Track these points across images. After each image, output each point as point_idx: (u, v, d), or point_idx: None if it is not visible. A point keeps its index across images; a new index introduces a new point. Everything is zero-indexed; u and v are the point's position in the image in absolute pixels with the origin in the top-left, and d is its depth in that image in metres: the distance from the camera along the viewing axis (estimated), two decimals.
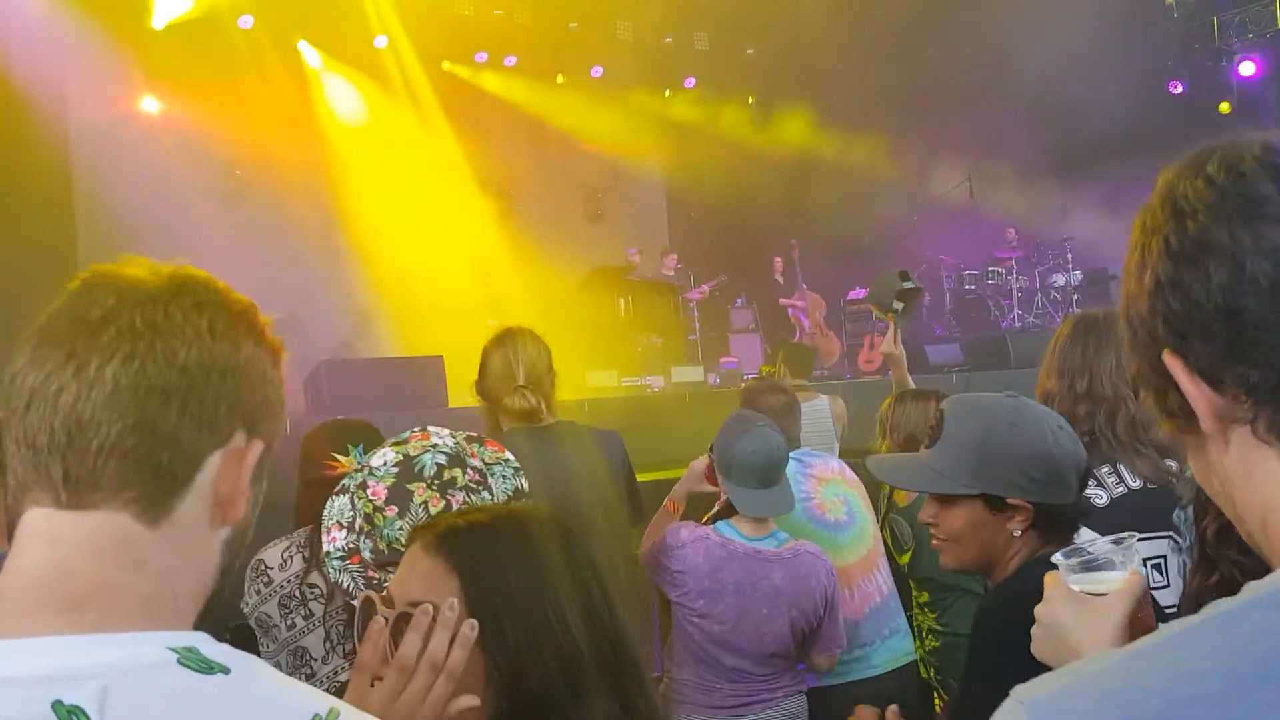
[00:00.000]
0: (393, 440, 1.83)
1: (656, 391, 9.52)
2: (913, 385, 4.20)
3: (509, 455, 1.88)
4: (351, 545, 1.77)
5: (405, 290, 10.30)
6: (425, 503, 1.71)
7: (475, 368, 3.35)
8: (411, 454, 1.76)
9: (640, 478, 3.61)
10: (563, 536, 1.35)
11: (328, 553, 1.78)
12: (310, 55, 11.51)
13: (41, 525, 0.86)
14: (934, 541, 1.97)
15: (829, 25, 11.52)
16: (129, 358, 0.86)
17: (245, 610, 2.78)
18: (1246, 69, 13.27)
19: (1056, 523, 1.85)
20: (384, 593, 1.32)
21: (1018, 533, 1.84)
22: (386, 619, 1.25)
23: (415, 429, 1.85)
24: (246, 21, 11.05)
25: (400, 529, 1.70)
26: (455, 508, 1.69)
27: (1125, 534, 1.38)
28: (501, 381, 3.21)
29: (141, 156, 9.55)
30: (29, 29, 8.18)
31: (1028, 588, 1.45)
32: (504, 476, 1.82)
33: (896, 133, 12.31)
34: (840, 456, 5.89)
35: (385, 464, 1.77)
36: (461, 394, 4.06)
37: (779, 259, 12.67)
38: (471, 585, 1.25)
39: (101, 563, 0.85)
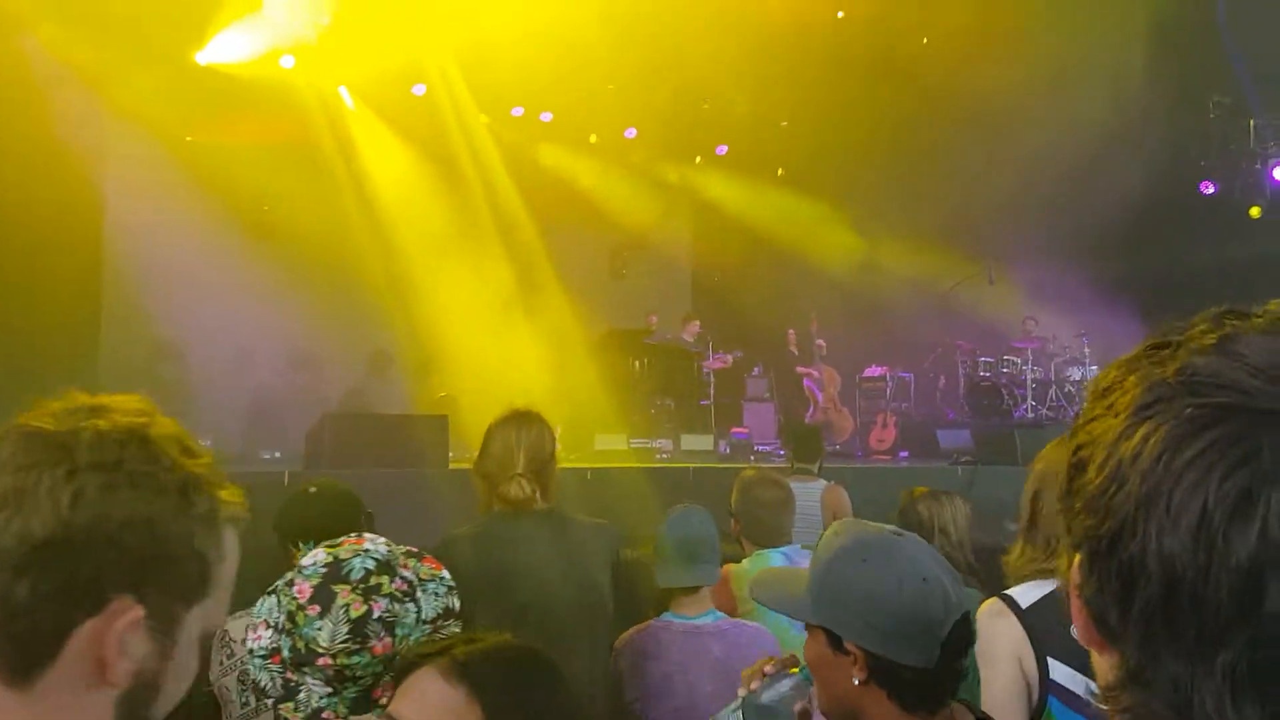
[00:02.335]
0: (328, 543, 1.83)
1: (663, 459, 9.50)
2: None
3: (445, 574, 1.86)
4: (274, 644, 1.77)
5: (422, 338, 10.35)
6: (348, 605, 1.70)
7: (486, 420, 3.35)
8: (342, 557, 1.76)
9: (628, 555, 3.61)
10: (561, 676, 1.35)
11: (251, 650, 1.78)
12: (348, 99, 11.66)
13: None
14: None
15: (857, 109, 11.62)
16: None
17: (211, 679, 2.77)
18: None
19: (912, 688, 1.68)
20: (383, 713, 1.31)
21: (857, 681, 1.70)
22: None
23: (352, 535, 1.86)
24: (288, 62, 11.26)
25: (319, 629, 1.69)
26: (377, 614, 1.69)
27: None
28: (500, 466, 3.19)
29: (170, 189, 9.69)
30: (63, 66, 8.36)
31: None
32: (435, 594, 1.80)
33: (920, 218, 12.35)
34: None
35: (315, 564, 1.77)
36: (468, 447, 4.04)
37: (793, 331, 12.68)
38: None
39: None
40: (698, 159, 14.30)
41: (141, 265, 9.78)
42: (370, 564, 1.74)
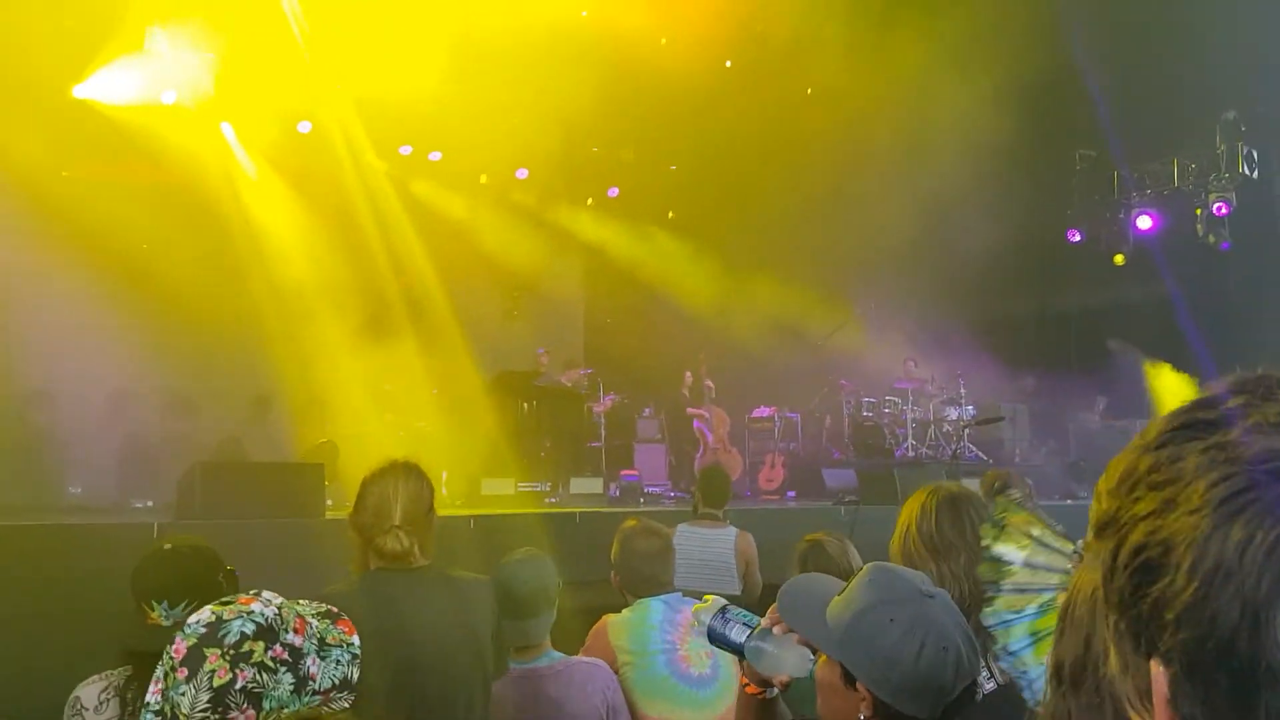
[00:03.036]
0: (223, 599, 1.77)
1: (551, 504, 9.46)
2: None
3: (355, 640, 1.80)
4: (157, 704, 1.70)
5: (304, 382, 10.12)
6: (213, 671, 1.64)
7: (368, 466, 3.25)
8: (225, 618, 1.70)
9: None
10: None
11: (146, 703, 1.72)
12: (231, 137, 11.42)
13: None
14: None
15: (743, 157, 11.89)
16: None
17: None
18: (1144, 223, 13.90)
19: None
20: None
21: (862, 717, 1.82)
22: None
23: (251, 591, 1.79)
24: (169, 97, 11.00)
25: (183, 693, 1.63)
26: (240, 684, 1.63)
27: None
28: (376, 518, 3.09)
29: (42, 226, 9.33)
30: None
31: None
32: (338, 661, 1.74)
33: (802, 263, 12.67)
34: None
35: (198, 622, 1.71)
36: (349, 495, 3.96)
37: (689, 373, 12.81)
38: None
39: None
40: (589, 201, 14.39)
41: (9, 307, 9.39)
42: (249, 628, 1.67)
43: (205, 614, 1.72)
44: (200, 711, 1.61)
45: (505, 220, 13.26)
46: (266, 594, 1.78)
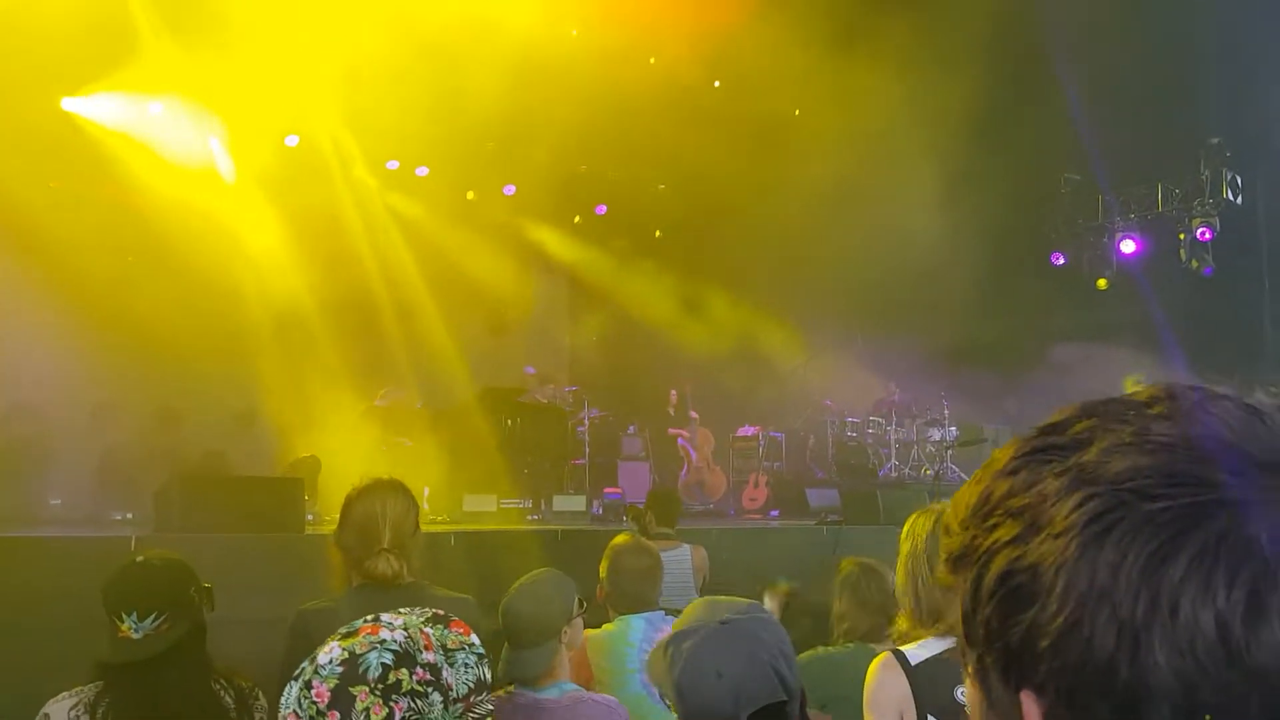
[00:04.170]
0: (341, 632, 1.74)
1: (534, 521, 9.43)
2: None
3: (474, 639, 1.77)
4: None
5: (288, 396, 10.08)
6: (367, 709, 1.61)
7: (351, 482, 3.24)
8: (358, 651, 1.67)
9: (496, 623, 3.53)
10: None
11: None
12: (218, 150, 11.40)
13: None
14: None
15: (729, 176, 11.93)
16: None
17: None
18: (1127, 247, 13.96)
19: None
20: None
21: None
22: None
23: (368, 618, 1.75)
24: (156, 109, 10.99)
25: None
26: (399, 716, 1.60)
27: None
28: (363, 539, 3.08)
29: (27, 240, 9.30)
30: None
31: None
32: (466, 665, 1.71)
33: (788, 284, 12.72)
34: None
35: (331, 661, 1.67)
36: (333, 510, 3.89)
37: (674, 391, 12.81)
38: None
39: None
40: (576, 218, 14.41)
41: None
42: (388, 657, 1.65)
43: (335, 651, 1.68)
44: None
45: (491, 236, 13.26)
46: (385, 617, 1.75)
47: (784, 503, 11.87)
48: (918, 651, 2.58)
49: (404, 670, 1.65)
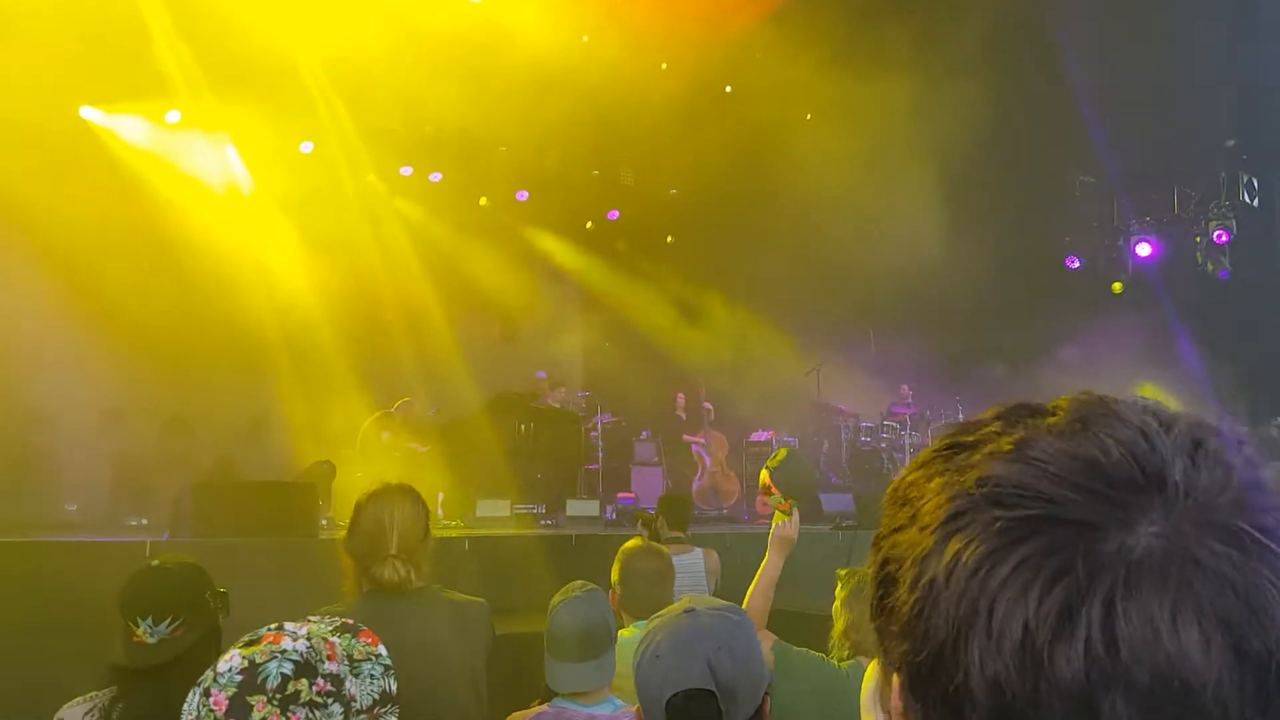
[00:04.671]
0: (244, 640, 1.72)
1: (547, 527, 9.42)
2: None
3: (382, 650, 1.77)
4: None
5: (302, 402, 10.11)
6: (265, 719, 1.60)
7: (363, 488, 3.23)
8: (257, 661, 1.66)
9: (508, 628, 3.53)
10: None
11: None
12: (234, 158, 11.46)
13: None
14: None
15: (741, 182, 11.91)
16: None
17: None
18: (1143, 250, 13.90)
19: None
20: None
21: None
22: None
23: (271, 627, 1.74)
24: (174, 117, 11.05)
25: None
26: None
27: None
28: (372, 546, 3.06)
29: (41, 247, 9.35)
30: None
31: None
32: (371, 676, 1.71)
33: (800, 288, 12.70)
34: None
35: (230, 670, 1.66)
36: (345, 513, 3.90)
37: (682, 395, 12.78)
38: None
39: None
40: (589, 224, 14.42)
41: (7, 328, 9.39)
42: (288, 667, 1.63)
43: (235, 659, 1.67)
44: None
45: (504, 241, 13.29)
46: (289, 626, 1.74)
47: (797, 508, 11.82)
48: None
49: (304, 680, 1.64)
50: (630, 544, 4.09)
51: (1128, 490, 0.63)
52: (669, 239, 14.52)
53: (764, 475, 4.06)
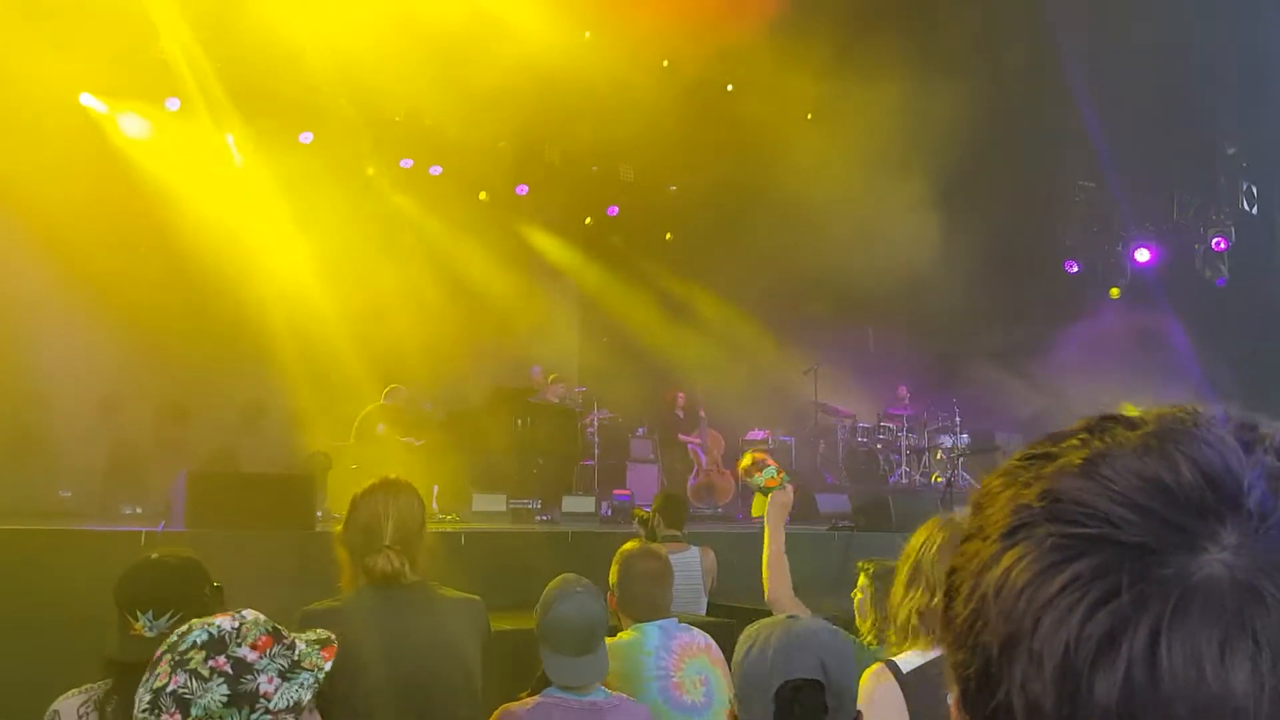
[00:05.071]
0: (222, 613, 1.82)
1: (542, 522, 9.41)
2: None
3: (325, 669, 1.80)
4: None
5: (300, 392, 10.08)
6: (159, 674, 1.70)
7: (360, 481, 3.25)
8: (193, 627, 1.76)
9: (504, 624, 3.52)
10: None
11: None
12: (232, 146, 11.41)
13: None
14: None
15: (740, 179, 11.90)
16: None
17: None
18: (1142, 255, 13.91)
19: None
20: None
21: None
22: None
23: (240, 610, 1.82)
24: (174, 104, 11.00)
25: (140, 693, 1.70)
26: (172, 688, 1.67)
27: None
28: (367, 537, 3.06)
29: (39, 231, 9.31)
30: None
31: None
32: (301, 684, 1.75)
33: (798, 288, 12.70)
34: (713, 610, 5.93)
35: (178, 632, 1.79)
36: (341, 505, 3.92)
37: (681, 394, 12.77)
38: None
39: None
40: (588, 220, 14.39)
41: (2, 311, 9.36)
42: (202, 637, 1.72)
43: (195, 621, 1.79)
44: (141, 712, 1.67)
45: (503, 236, 13.26)
46: (246, 612, 1.81)
47: (794, 508, 11.82)
48: (910, 660, 2.66)
49: (202, 653, 1.71)
50: (628, 546, 4.08)
51: (1194, 514, 0.60)
52: (668, 236, 14.50)
53: (747, 458, 4.07)
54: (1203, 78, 11.49)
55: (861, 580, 3.73)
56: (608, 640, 3.70)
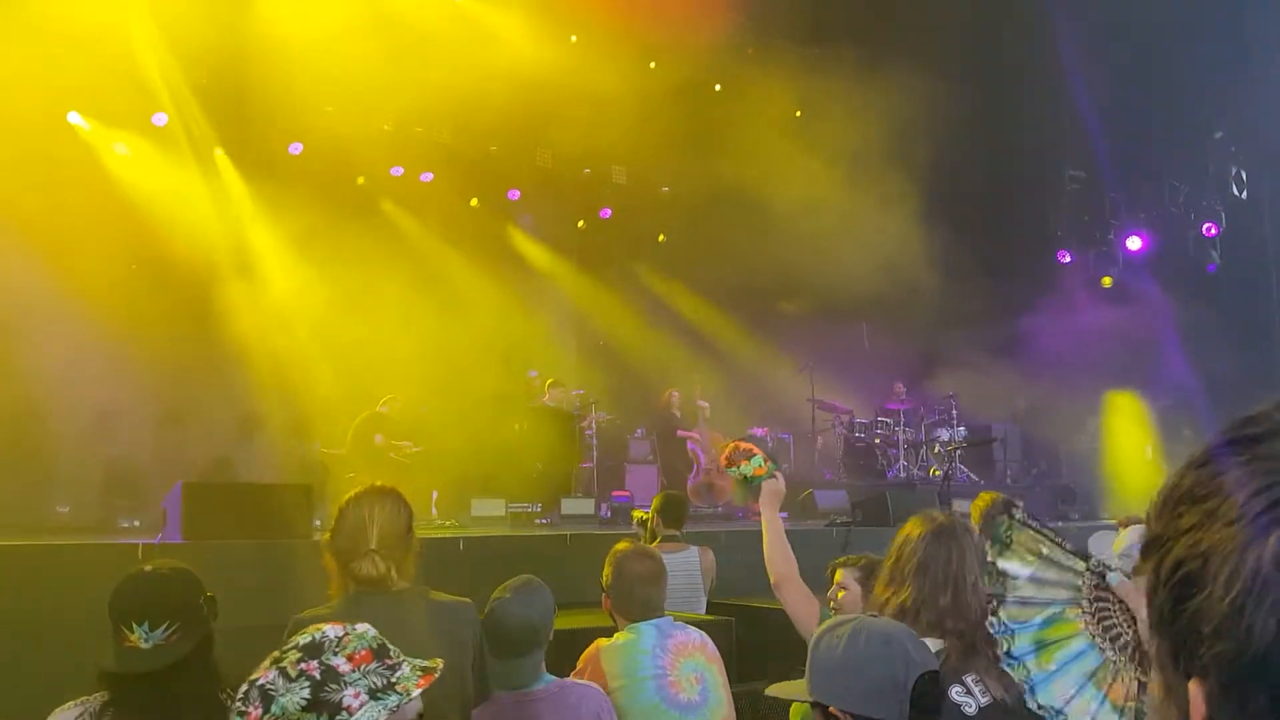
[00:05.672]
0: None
1: (542, 525, 9.41)
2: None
3: (414, 694, 1.86)
4: None
5: (296, 401, 10.07)
6: (262, 669, 1.77)
7: (355, 488, 3.27)
8: (307, 629, 1.83)
9: None
10: None
11: None
12: (222, 158, 11.42)
13: None
14: None
15: (732, 179, 11.90)
16: None
17: None
18: (1134, 244, 13.93)
19: None
20: None
21: None
22: None
23: (353, 625, 1.88)
24: (161, 119, 10.99)
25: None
26: (261, 682, 1.72)
27: None
28: (352, 543, 3.08)
29: (34, 242, 9.31)
30: None
31: None
32: (384, 706, 1.77)
33: (793, 285, 12.71)
34: (713, 608, 5.93)
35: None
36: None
37: (676, 393, 12.77)
38: None
39: None
40: (580, 222, 14.40)
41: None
42: (306, 639, 1.77)
43: (307, 629, 1.86)
44: (237, 701, 1.73)
45: (496, 240, 13.26)
46: (360, 625, 1.86)
47: (792, 504, 11.83)
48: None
49: (297, 654, 1.77)
50: (620, 546, 4.07)
51: None
52: (661, 238, 14.50)
53: (729, 446, 4.07)
54: (1191, 63, 11.50)
55: (839, 577, 3.75)
56: (604, 642, 3.71)
